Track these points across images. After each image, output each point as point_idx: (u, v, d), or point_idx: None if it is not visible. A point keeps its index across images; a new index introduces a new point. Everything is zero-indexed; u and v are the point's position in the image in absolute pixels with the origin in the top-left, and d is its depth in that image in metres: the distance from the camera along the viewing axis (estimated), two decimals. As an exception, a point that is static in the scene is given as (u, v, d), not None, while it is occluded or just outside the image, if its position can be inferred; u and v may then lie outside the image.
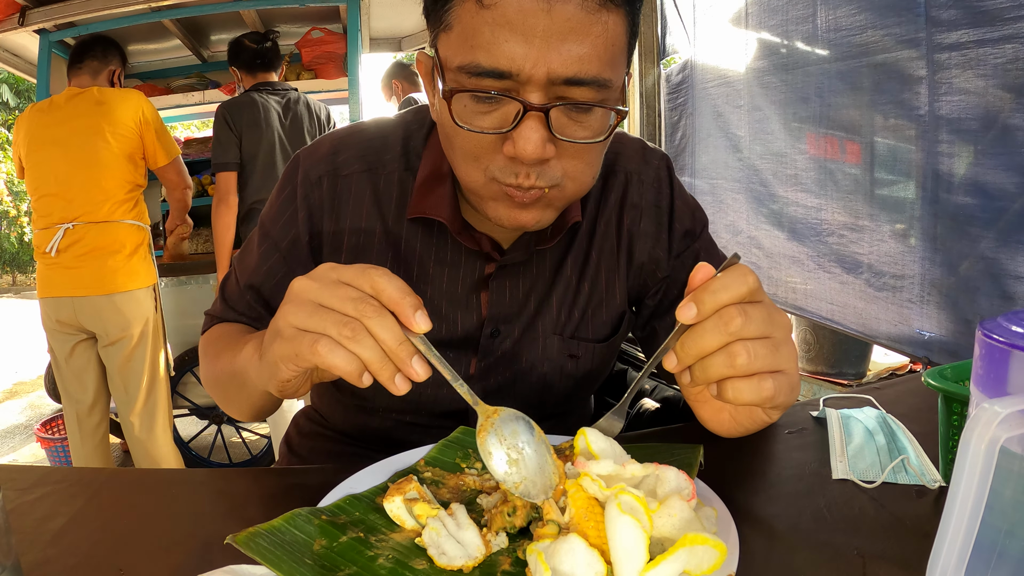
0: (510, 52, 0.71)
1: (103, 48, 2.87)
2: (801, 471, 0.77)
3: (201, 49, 4.24)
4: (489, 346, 1.00)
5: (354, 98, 3.75)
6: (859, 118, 2.23)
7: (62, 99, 2.73)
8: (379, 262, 0.95)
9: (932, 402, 0.74)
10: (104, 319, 2.66)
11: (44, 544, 0.67)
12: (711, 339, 0.63)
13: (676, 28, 3.47)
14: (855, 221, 2.28)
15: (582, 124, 0.77)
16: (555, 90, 0.73)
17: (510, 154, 0.76)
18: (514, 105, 0.74)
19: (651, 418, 1.24)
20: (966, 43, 1.76)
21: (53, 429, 3.58)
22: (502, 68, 0.71)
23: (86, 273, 2.62)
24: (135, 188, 2.76)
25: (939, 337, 1.99)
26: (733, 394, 0.64)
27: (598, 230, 1.02)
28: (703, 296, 0.63)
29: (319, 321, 0.62)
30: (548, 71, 0.71)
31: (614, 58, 0.75)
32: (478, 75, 0.73)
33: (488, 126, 0.76)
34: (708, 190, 3.19)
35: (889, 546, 0.61)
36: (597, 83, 0.73)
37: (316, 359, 0.62)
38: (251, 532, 0.60)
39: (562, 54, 0.71)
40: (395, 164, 0.97)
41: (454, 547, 0.61)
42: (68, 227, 2.61)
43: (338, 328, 0.61)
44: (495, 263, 0.97)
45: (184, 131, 8.32)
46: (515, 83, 0.72)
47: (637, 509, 0.54)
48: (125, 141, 2.69)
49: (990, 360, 0.45)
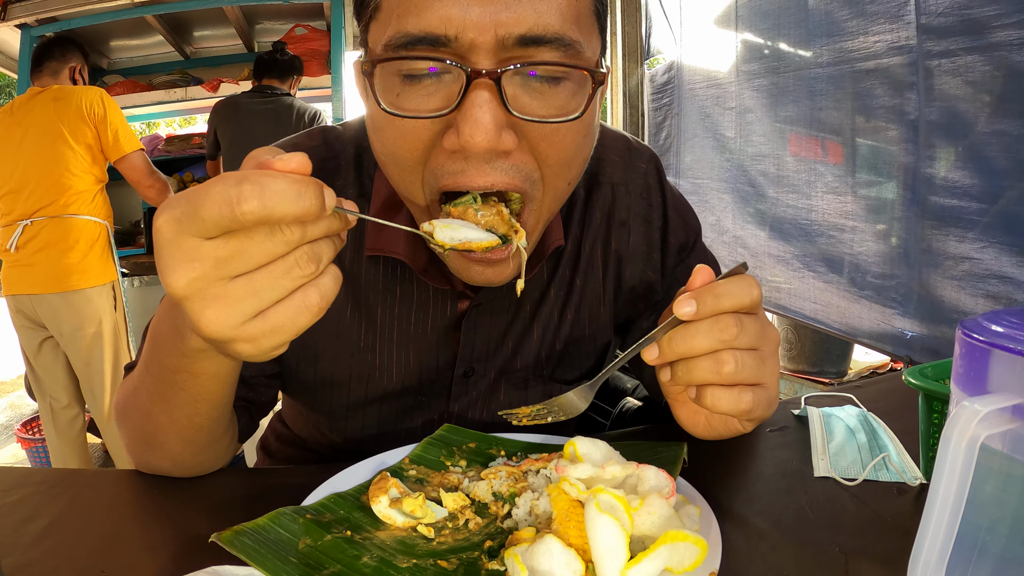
0: (444, 12, 0.57)
1: (60, 47, 2.87)
2: (783, 469, 0.77)
3: (184, 46, 4.22)
4: (463, 387, 0.91)
5: (337, 96, 3.75)
6: (845, 121, 2.25)
7: (23, 100, 2.73)
8: (339, 305, 0.85)
9: (913, 400, 0.75)
10: (59, 318, 2.64)
11: (25, 546, 0.66)
12: (702, 341, 0.61)
13: (661, 29, 3.48)
14: (840, 221, 2.30)
15: (546, 99, 0.63)
16: (508, 54, 0.60)
17: (453, 147, 0.62)
18: (455, 75, 0.60)
19: (634, 416, 1.25)
20: (954, 50, 1.77)
21: (33, 429, 3.54)
22: (436, 32, 0.58)
23: (40, 271, 2.61)
24: (95, 182, 2.73)
25: (920, 336, 2.01)
26: (712, 401, 0.63)
27: (583, 254, 0.92)
28: (706, 297, 0.61)
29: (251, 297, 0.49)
30: (496, 28, 0.58)
31: (579, 16, 0.62)
32: (407, 45, 0.59)
33: (425, 108, 0.62)
34: (693, 189, 3.21)
35: (871, 543, 0.61)
36: (561, 42, 0.60)
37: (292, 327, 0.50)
38: (236, 531, 0.59)
39: (511, 7, 0.58)
40: (348, 190, 0.84)
41: None
42: (27, 223, 2.59)
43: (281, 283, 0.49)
44: (469, 300, 0.87)
45: (166, 128, 8.25)
46: (455, 52, 0.59)
47: (617, 508, 0.55)
48: (79, 133, 2.67)
49: (970, 359, 0.46)
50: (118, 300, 2.80)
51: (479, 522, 0.66)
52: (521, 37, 0.58)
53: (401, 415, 0.93)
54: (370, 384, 0.90)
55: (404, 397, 0.91)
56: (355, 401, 0.91)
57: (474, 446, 0.83)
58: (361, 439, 0.94)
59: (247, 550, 0.57)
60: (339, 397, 0.91)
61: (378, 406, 0.92)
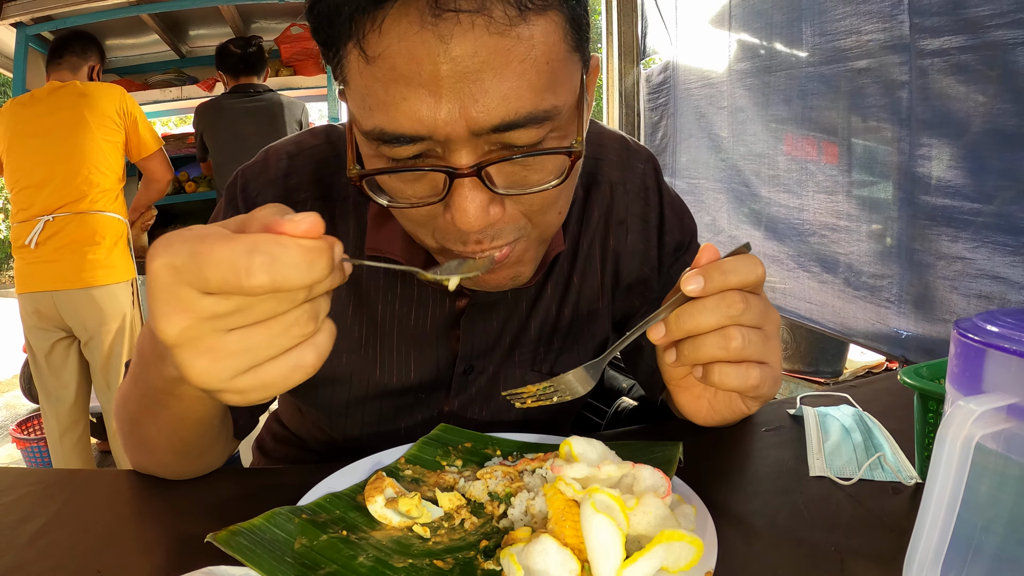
0: (412, 112, 0.57)
1: (82, 44, 2.85)
2: (779, 469, 0.77)
3: (180, 45, 4.20)
4: (463, 384, 0.93)
5: (332, 95, 3.74)
6: (840, 120, 2.25)
7: (44, 92, 2.70)
8: (340, 305, 0.87)
9: (908, 400, 0.75)
10: (82, 314, 2.62)
11: (21, 546, 0.66)
12: (709, 317, 0.61)
13: (657, 29, 3.48)
14: (834, 221, 2.30)
15: (532, 168, 0.63)
16: (485, 140, 0.59)
17: (451, 223, 0.64)
18: (439, 172, 0.61)
19: (630, 416, 1.25)
20: (948, 49, 1.78)
21: (29, 429, 3.53)
22: (408, 132, 0.58)
23: (65, 266, 2.58)
24: (118, 180, 2.74)
25: (915, 336, 2.02)
26: (719, 378, 0.63)
27: (580, 252, 0.92)
28: (712, 273, 0.61)
29: (244, 356, 0.47)
30: (468, 124, 0.57)
31: (554, 78, 0.59)
32: (387, 142, 0.60)
33: (419, 195, 0.64)
34: (689, 189, 3.21)
35: (866, 542, 0.62)
36: (535, 119, 0.58)
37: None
38: (232, 531, 0.59)
39: (479, 99, 0.56)
40: (350, 188, 0.85)
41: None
42: (48, 219, 2.57)
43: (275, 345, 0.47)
44: (467, 298, 0.88)
45: (162, 127, 8.24)
46: (433, 144, 0.59)
47: (613, 508, 0.55)
48: (109, 132, 2.67)
49: (965, 359, 0.46)
50: (137, 297, 2.80)
51: (475, 522, 0.66)
52: (494, 127, 0.58)
53: (400, 412, 0.94)
54: (371, 381, 0.91)
55: (404, 395, 0.92)
56: (355, 398, 0.91)
57: (470, 446, 0.83)
58: (360, 436, 0.94)
59: (243, 550, 0.57)
60: (340, 393, 0.91)
61: (378, 403, 0.92)
